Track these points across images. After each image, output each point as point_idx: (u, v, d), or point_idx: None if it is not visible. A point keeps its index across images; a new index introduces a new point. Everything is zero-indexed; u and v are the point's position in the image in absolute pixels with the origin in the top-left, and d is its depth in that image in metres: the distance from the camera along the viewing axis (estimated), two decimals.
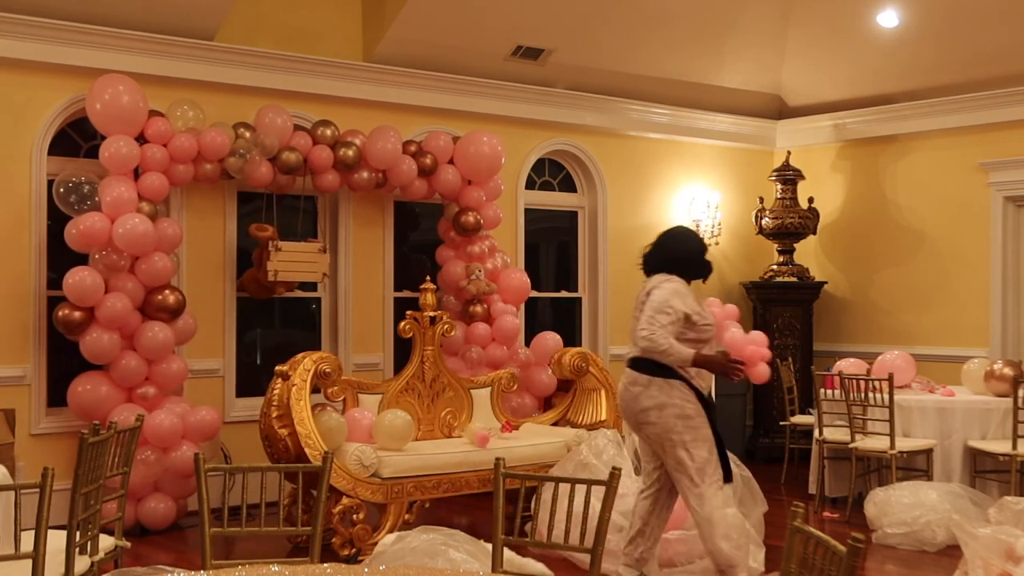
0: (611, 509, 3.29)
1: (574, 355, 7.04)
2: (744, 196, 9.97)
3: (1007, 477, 6.78)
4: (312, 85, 7.52)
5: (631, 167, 9.34)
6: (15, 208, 6.53)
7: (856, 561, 2.24)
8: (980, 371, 7.39)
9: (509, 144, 8.12)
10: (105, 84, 6.37)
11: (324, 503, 3.44)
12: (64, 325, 6.30)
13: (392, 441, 6.02)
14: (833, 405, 7.32)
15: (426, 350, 6.59)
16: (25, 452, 6.36)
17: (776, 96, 9.92)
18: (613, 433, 6.29)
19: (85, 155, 6.89)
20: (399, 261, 8.11)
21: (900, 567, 5.92)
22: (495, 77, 8.34)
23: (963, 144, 8.97)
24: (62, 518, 3.86)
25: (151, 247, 6.38)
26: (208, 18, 6.99)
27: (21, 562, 3.38)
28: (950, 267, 9.08)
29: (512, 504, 3.98)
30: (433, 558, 4.16)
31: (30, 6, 6.40)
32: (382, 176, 7.37)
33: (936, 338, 9.10)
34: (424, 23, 7.67)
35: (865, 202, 9.68)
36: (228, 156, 6.68)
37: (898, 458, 6.89)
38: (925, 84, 9.01)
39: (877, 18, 8.53)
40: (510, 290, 7.77)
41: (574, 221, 9.26)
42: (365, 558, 5.55)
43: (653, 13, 8.30)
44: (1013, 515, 4.93)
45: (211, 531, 3.33)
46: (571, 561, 5.36)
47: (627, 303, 9.15)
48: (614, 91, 9.01)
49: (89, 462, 3.78)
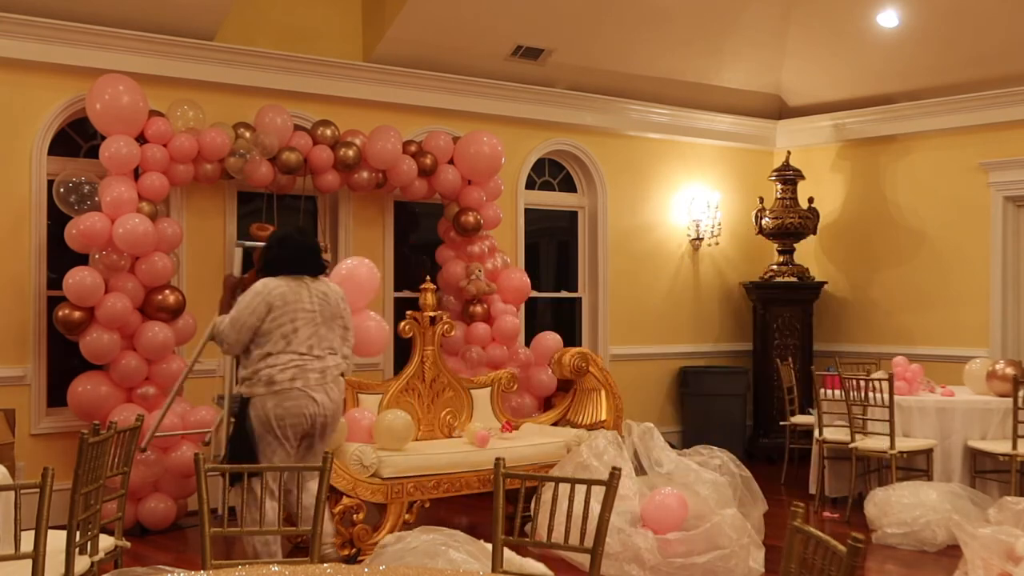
0: (611, 510, 3.29)
1: (574, 355, 7.04)
2: (744, 196, 9.97)
3: (1007, 477, 6.78)
4: (312, 85, 7.52)
5: (631, 167, 9.34)
6: (15, 208, 6.53)
7: (856, 561, 2.24)
8: (982, 371, 7.39)
9: (509, 144, 8.12)
10: (105, 84, 6.37)
11: (324, 503, 3.44)
12: (64, 325, 6.30)
13: (392, 441, 6.02)
14: (833, 405, 7.32)
15: (426, 350, 6.59)
16: (25, 452, 6.36)
17: (776, 96, 9.92)
18: (613, 434, 6.28)
19: (85, 155, 6.90)
20: (399, 261, 8.11)
21: (900, 567, 5.92)
22: (495, 77, 8.34)
23: (963, 144, 8.97)
24: (62, 518, 3.86)
25: (151, 247, 6.38)
26: (208, 18, 7.00)
27: (21, 562, 3.37)
28: (950, 267, 9.08)
29: (512, 504, 3.98)
30: (433, 558, 4.16)
31: (30, 6, 6.41)
32: (382, 176, 7.37)
33: (936, 338, 9.11)
34: (424, 23, 7.67)
35: (865, 202, 9.68)
36: (228, 156, 6.68)
37: (898, 458, 6.89)
38: (925, 84, 9.01)
39: (877, 18, 8.53)
40: (510, 290, 7.77)
41: (574, 221, 9.26)
42: (365, 558, 5.55)
43: (653, 13, 8.30)
44: (1013, 515, 4.93)
45: (211, 531, 3.32)
46: (569, 562, 5.35)
47: (627, 303, 9.26)
48: (614, 91, 9.01)
49: (89, 462, 3.78)
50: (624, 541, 5.41)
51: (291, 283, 5.19)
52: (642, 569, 5.36)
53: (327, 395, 5.21)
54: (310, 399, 5.14)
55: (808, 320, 9.55)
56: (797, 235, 9.55)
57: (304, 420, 5.15)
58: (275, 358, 5.10)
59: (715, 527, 5.47)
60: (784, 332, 9.46)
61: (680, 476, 6.12)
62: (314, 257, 5.36)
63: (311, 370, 5.16)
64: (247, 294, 5.23)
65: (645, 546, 5.38)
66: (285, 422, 5.11)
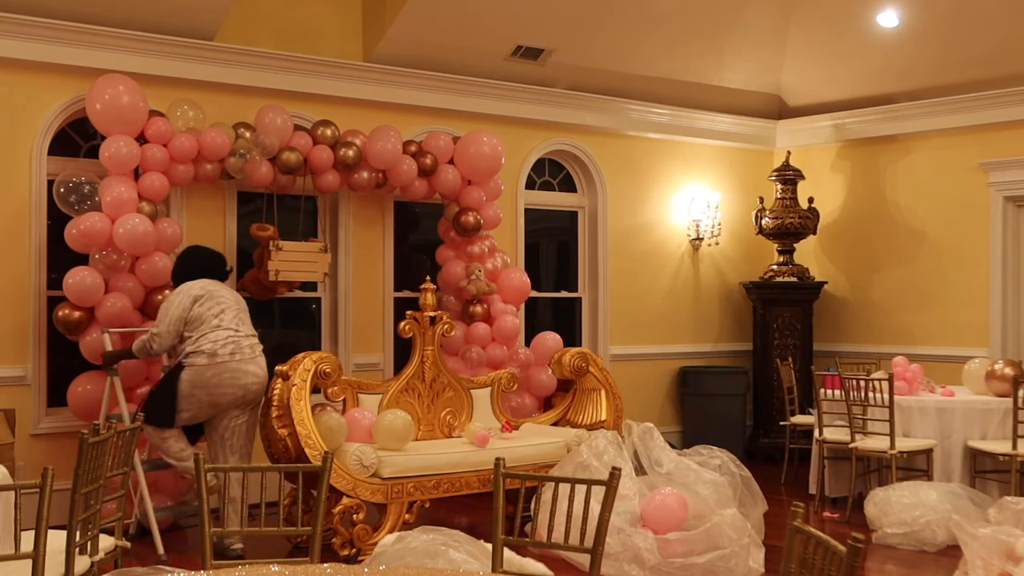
0: (611, 510, 3.29)
1: (574, 355, 7.04)
2: (744, 196, 9.97)
3: (1007, 477, 6.79)
4: (312, 85, 7.52)
5: (631, 167, 9.34)
6: (15, 208, 6.53)
7: (856, 561, 2.24)
8: (981, 371, 7.39)
9: (509, 144, 8.12)
10: (105, 84, 6.37)
11: (324, 503, 3.44)
12: (64, 325, 6.30)
13: (392, 441, 6.02)
14: (833, 405, 7.32)
15: (426, 350, 6.59)
16: (25, 452, 6.36)
17: (776, 96, 9.92)
18: (613, 434, 6.28)
19: (85, 155, 6.89)
20: (399, 261, 8.11)
21: (900, 567, 5.92)
22: (495, 77, 8.34)
23: (963, 144, 8.97)
24: (62, 518, 3.86)
25: (151, 247, 6.38)
26: (208, 18, 7.00)
27: (21, 562, 3.37)
28: (950, 267, 9.08)
29: (512, 504, 3.98)
30: (433, 558, 4.16)
31: (30, 6, 6.40)
32: (382, 176, 7.37)
33: (936, 338, 9.11)
34: (424, 23, 7.67)
35: (865, 202, 9.68)
36: (228, 156, 6.68)
37: (898, 458, 6.89)
38: (925, 84, 9.01)
39: (877, 18, 8.53)
40: (510, 290, 7.77)
41: (574, 221, 9.26)
42: (365, 558, 5.56)
43: (653, 13, 8.30)
44: (1013, 515, 4.93)
45: (211, 531, 3.32)
46: (569, 562, 5.35)
47: (627, 303, 9.26)
48: (614, 91, 9.01)
49: (89, 462, 3.78)
50: (624, 541, 5.41)
51: (207, 280, 6.00)
52: (642, 569, 5.36)
53: (258, 367, 5.92)
54: (246, 371, 5.85)
55: (808, 320, 9.55)
56: (797, 235, 9.55)
57: (240, 390, 5.85)
58: (213, 334, 5.80)
59: (715, 527, 5.47)
60: (784, 332, 9.46)
61: (680, 476, 6.11)
62: (219, 265, 6.21)
63: (245, 345, 5.89)
64: (170, 297, 5.97)
65: (645, 546, 5.38)
66: (220, 389, 5.80)
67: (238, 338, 5.87)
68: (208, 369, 5.78)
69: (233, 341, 5.84)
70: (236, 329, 5.88)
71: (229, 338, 5.83)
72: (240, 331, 5.90)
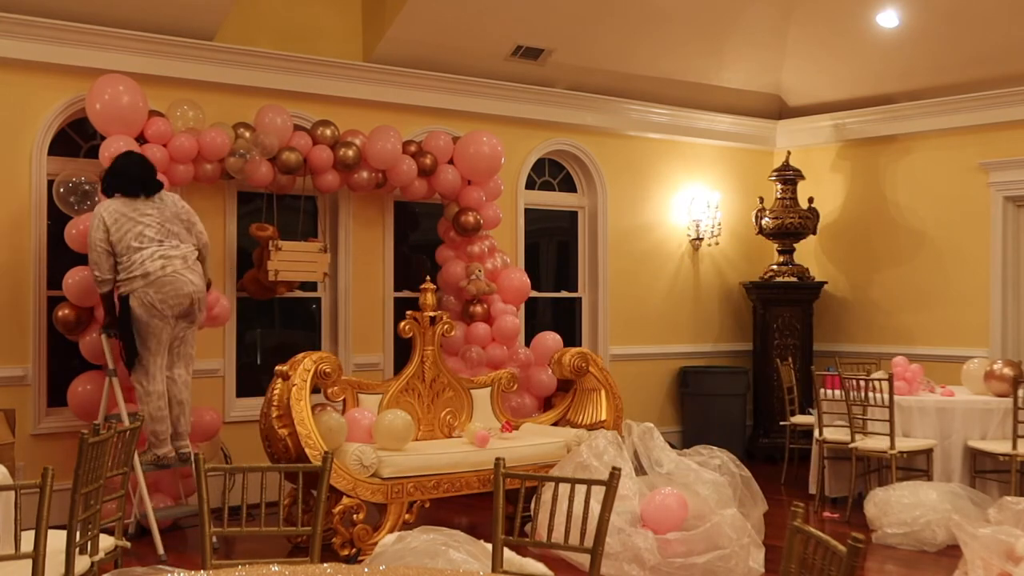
0: (611, 510, 3.29)
1: (574, 355, 7.04)
2: (744, 196, 9.97)
3: (1007, 477, 6.79)
4: (312, 85, 7.52)
5: (631, 167, 9.34)
6: (15, 208, 6.53)
7: (856, 561, 2.24)
8: (980, 371, 7.39)
9: (509, 144, 8.12)
10: (105, 84, 6.37)
11: (324, 503, 3.44)
12: (64, 325, 6.30)
13: (392, 441, 6.02)
14: (833, 405, 7.32)
15: (426, 350, 6.59)
16: (25, 452, 6.36)
17: (776, 96, 9.92)
18: (613, 434, 6.28)
19: (85, 155, 6.89)
20: (399, 261, 8.11)
21: (900, 567, 5.92)
22: (495, 77, 8.34)
23: (963, 144, 8.97)
24: (62, 518, 3.86)
25: None
26: (208, 18, 6.99)
27: (21, 562, 3.37)
28: (950, 267, 9.08)
29: (512, 504, 3.98)
30: (433, 558, 4.16)
31: (30, 6, 6.40)
32: (382, 176, 7.37)
33: (936, 338, 9.11)
34: (424, 23, 7.67)
35: (865, 202, 9.68)
36: (228, 156, 6.68)
37: (898, 458, 6.89)
38: (925, 84, 9.01)
39: (877, 18, 8.53)
40: (510, 290, 7.77)
41: (574, 221, 9.26)
42: (365, 558, 5.55)
43: (653, 13, 8.30)
44: (1013, 515, 4.93)
45: (211, 531, 3.32)
46: (569, 562, 5.35)
47: (627, 303, 9.26)
48: (614, 91, 9.01)
49: (89, 462, 3.78)
50: (624, 541, 5.41)
51: (120, 203, 5.90)
52: (642, 569, 5.36)
53: (196, 274, 5.99)
54: (186, 280, 5.90)
55: (808, 320, 9.55)
56: (797, 235, 9.55)
57: (184, 299, 5.91)
58: (140, 253, 5.82)
59: (715, 527, 5.47)
60: (784, 332, 9.46)
61: (680, 476, 6.11)
62: (147, 176, 6.01)
63: (175, 256, 5.92)
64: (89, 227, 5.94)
65: (645, 546, 5.38)
66: (167, 304, 5.86)
67: (165, 251, 5.89)
68: (150, 288, 5.83)
69: (162, 256, 5.87)
70: (163, 241, 5.91)
71: (156, 253, 5.86)
72: (164, 243, 5.91)
